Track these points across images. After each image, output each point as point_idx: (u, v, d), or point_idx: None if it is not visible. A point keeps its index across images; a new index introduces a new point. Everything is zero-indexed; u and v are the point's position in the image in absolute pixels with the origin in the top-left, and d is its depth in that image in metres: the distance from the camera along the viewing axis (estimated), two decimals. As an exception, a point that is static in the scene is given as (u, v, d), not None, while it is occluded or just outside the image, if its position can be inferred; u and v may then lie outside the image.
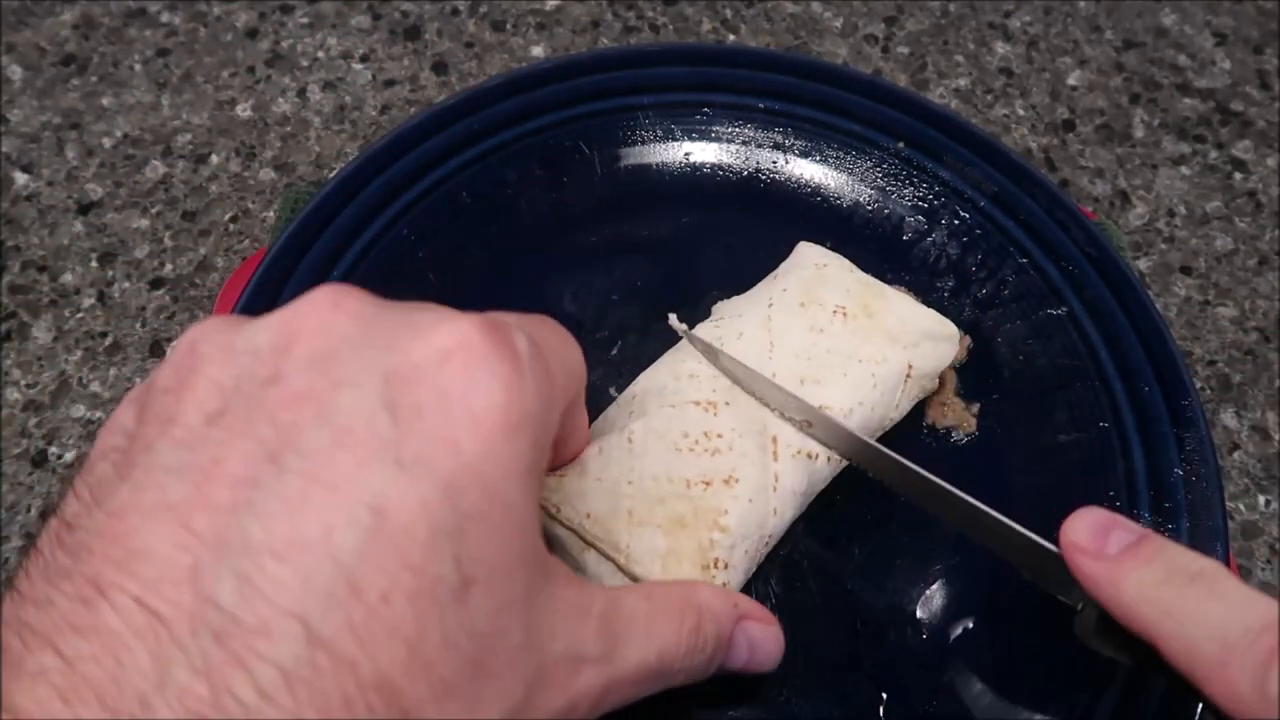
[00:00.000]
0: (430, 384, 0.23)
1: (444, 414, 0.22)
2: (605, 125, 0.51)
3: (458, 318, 0.24)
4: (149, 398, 0.24)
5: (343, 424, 0.22)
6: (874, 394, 0.40)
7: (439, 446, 0.22)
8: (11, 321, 0.54)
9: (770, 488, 0.37)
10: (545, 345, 0.27)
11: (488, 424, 0.23)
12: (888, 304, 0.42)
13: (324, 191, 0.46)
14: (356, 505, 0.21)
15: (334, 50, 0.66)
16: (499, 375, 0.23)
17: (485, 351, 0.23)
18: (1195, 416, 0.42)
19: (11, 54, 0.65)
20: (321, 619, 0.20)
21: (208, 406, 0.23)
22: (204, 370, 0.24)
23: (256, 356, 0.24)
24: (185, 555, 0.20)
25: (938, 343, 0.43)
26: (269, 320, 0.25)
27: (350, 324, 0.24)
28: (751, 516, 0.37)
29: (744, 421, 0.38)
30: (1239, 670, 0.25)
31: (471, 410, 0.23)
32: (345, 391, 0.22)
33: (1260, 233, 0.60)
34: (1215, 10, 0.71)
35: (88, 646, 0.20)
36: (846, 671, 0.39)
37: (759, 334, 0.41)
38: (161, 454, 0.22)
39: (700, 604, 0.31)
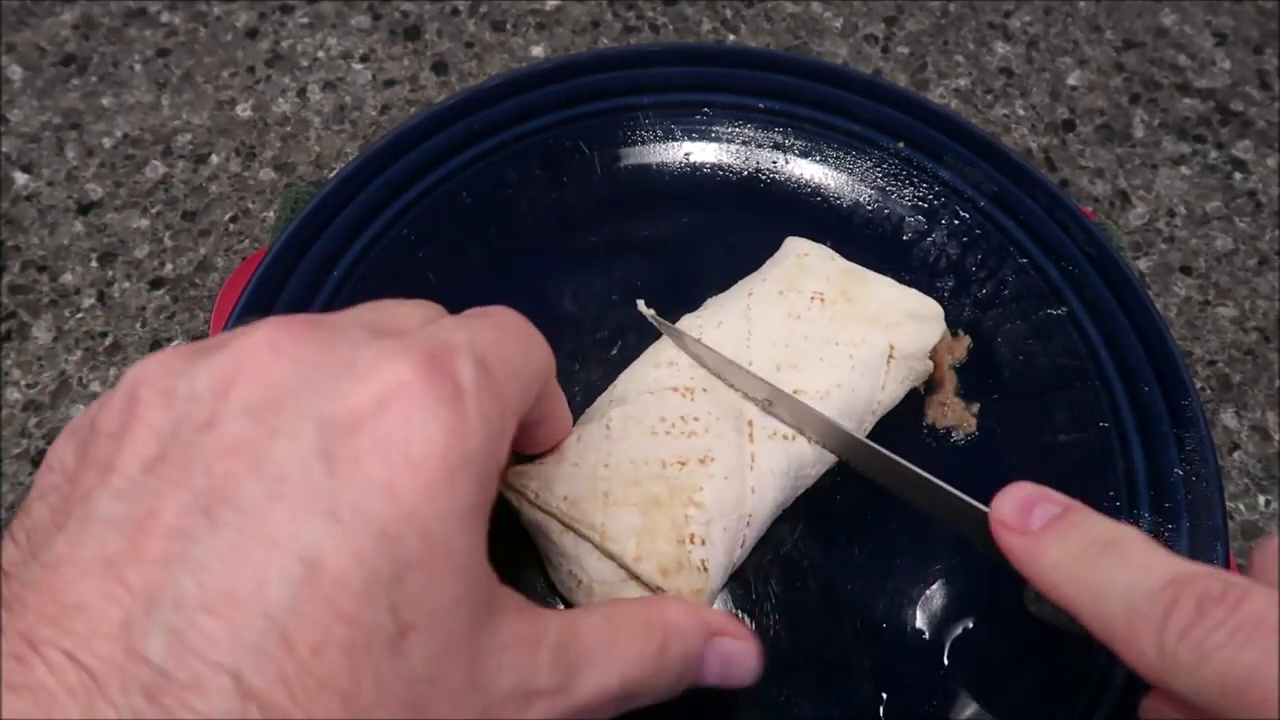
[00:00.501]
0: (367, 431, 0.22)
1: (382, 460, 0.22)
2: (605, 125, 0.51)
3: (396, 357, 0.24)
4: (91, 439, 0.24)
5: (277, 474, 0.22)
6: (852, 376, 0.41)
7: (375, 494, 0.22)
8: (11, 321, 0.54)
9: (746, 466, 0.38)
10: (497, 359, 0.26)
11: (426, 468, 0.22)
12: (868, 288, 0.43)
13: (324, 191, 0.46)
14: (289, 558, 0.21)
15: (334, 50, 0.66)
16: (438, 418, 0.23)
17: (423, 394, 0.23)
18: (1195, 416, 0.42)
19: (11, 54, 0.65)
20: (253, 672, 0.20)
21: (146, 454, 0.23)
22: (144, 416, 0.23)
23: (195, 401, 0.23)
24: (117, 609, 0.20)
25: (921, 322, 0.43)
26: (210, 361, 0.24)
27: (287, 367, 0.24)
28: (728, 494, 0.37)
29: (720, 405, 0.39)
30: (1144, 632, 0.25)
31: (409, 456, 0.22)
32: (281, 440, 0.22)
33: (1260, 233, 0.60)
34: (1215, 10, 0.71)
35: (21, 704, 0.19)
36: (846, 671, 0.39)
37: (738, 323, 0.42)
38: (98, 505, 0.22)
39: (667, 622, 0.30)
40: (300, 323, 0.25)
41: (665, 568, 0.35)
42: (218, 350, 0.24)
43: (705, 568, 0.35)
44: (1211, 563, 0.39)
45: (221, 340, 0.25)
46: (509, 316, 0.30)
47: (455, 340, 0.25)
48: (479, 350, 0.25)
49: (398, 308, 0.29)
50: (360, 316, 0.27)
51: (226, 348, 0.24)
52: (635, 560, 0.35)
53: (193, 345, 0.26)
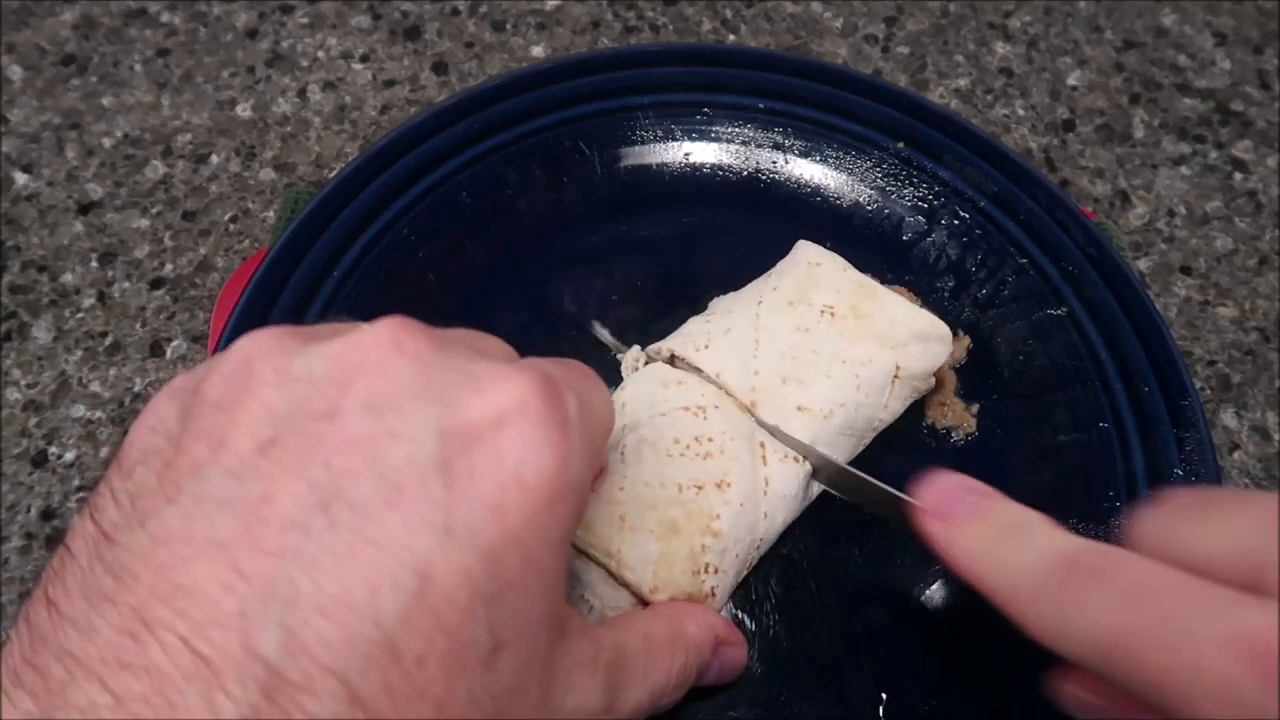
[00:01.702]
0: (485, 446, 0.23)
1: (495, 478, 0.23)
2: (605, 125, 0.51)
3: (516, 375, 0.24)
4: (196, 407, 0.24)
5: (395, 480, 0.22)
6: (857, 395, 0.40)
7: (487, 514, 0.22)
8: (11, 321, 0.54)
9: (761, 491, 0.38)
10: (587, 401, 0.27)
11: (535, 493, 0.23)
12: (879, 305, 0.42)
13: (324, 191, 0.46)
14: (402, 569, 0.21)
15: (334, 50, 0.66)
16: (552, 443, 0.24)
17: (540, 416, 0.24)
18: (1195, 416, 0.42)
19: (11, 54, 0.65)
20: (361, 679, 0.20)
21: (260, 434, 0.23)
22: (258, 392, 0.23)
23: (314, 386, 0.23)
24: (233, 599, 0.20)
25: (928, 344, 0.43)
26: (329, 348, 0.24)
27: (411, 368, 0.24)
28: (743, 520, 0.37)
29: (733, 425, 0.39)
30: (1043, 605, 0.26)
31: (522, 478, 0.23)
32: (400, 444, 0.22)
33: (1260, 233, 0.60)
34: (1215, 10, 0.71)
35: (138, 685, 0.19)
36: (846, 671, 0.39)
37: (746, 332, 0.41)
38: (210, 481, 0.22)
39: (688, 640, 0.32)
40: (418, 325, 0.25)
41: (678, 599, 0.35)
42: (337, 338, 0.25)
43: (714, 594, 0.36)
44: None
45: (338, 329, 0.25)
46: (585, 366, 0.30)
47: (557, 373, 0.26)
48: (575, 388, 0.26)
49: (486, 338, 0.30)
50: (461, 335, 0.28)
51: (346, 337, 0.25)
52: (651, 591, 0.35)
53: (306, 329, 0.26)
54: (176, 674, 0.20)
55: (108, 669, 0.20)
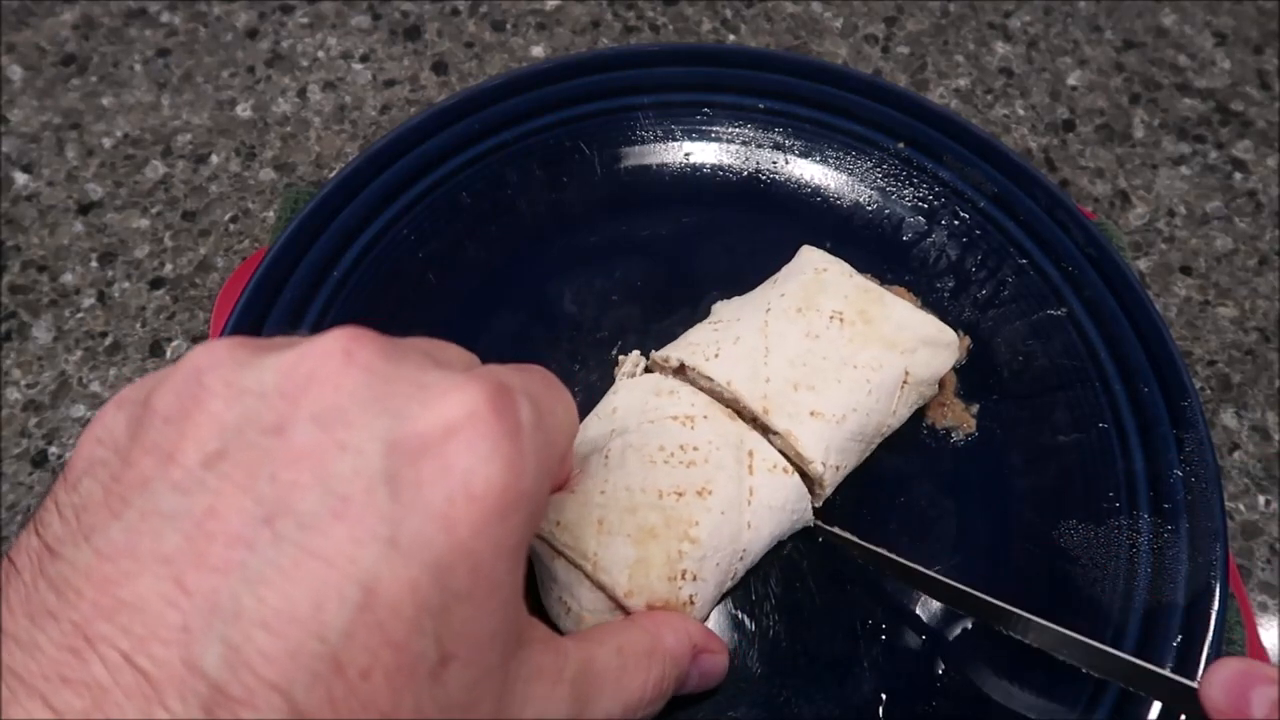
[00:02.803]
0: (433, 458, 0.23)
1: (443, 490, 0.22)
2: (605, 125, 0.51)
3: (467, 385, 0.24)
4: (145, 419, 0.24)
5: (342, 492, 0.22)
6: (869, 400, 0.40)
7: (434, 525, 0.22)
8: (11, 321, 0.54)
9: (745, 501, 0.37)
10: (545, 408, 0.26)
11: (484, 504, 0.23)
12: (886, 310, 0.42)
13: (324, 191, 0.46)
14: (347, 582, 0.21)
15: (334, 50, 0.66)
16: (502, 453, 0.23)
17: (490, 427, 0.23)
18: (1195, 417, 0.42)
19: (11, 54, 0.65)
20: (304, 693, 0.20)
21: (208, 447, 0.23)
22: (207, 404, 0.23)
23: (263, 399, 0.23)
24: (175, 614, 0.20)
25: (936, 350, 0.43)
26: (279, 360, 0.24)
27: (361, 378, 0.24)
28: (724, 528, 0.36)
29: (721, 435, 0.38)
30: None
31: (471, 488, 0.23)
32: (348, 457, 0.22)
33: (1260, 233, 0.60)
34: (1215, 10, 0.71)
35: (79, 701, 0.19)
36: (846, 671, 0.39)
37: (755, 339, 0.41)
38: (157, 496, 0.22)
39: (665, 652, 0.32)
40: (371, 335, 0.25)
41: (654, 604, 0.35)
42: (288, 349, 0.24)
43: (692, 602, 0.36)
44: (1210, 563, 0.39)
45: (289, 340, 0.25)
46: (546, 373, 0.30)
47: (513, 381, 0.25)
48: (531, 395, 0.26)
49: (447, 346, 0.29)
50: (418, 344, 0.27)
51: (297, 348, 0.24)
52: (626, 595, 0.35)
53: (258, 340, 0.26)
54: (117, 690, 0.20)
55: (49, 685, 0.20)
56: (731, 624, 0.40)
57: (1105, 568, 0.40)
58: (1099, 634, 0.38)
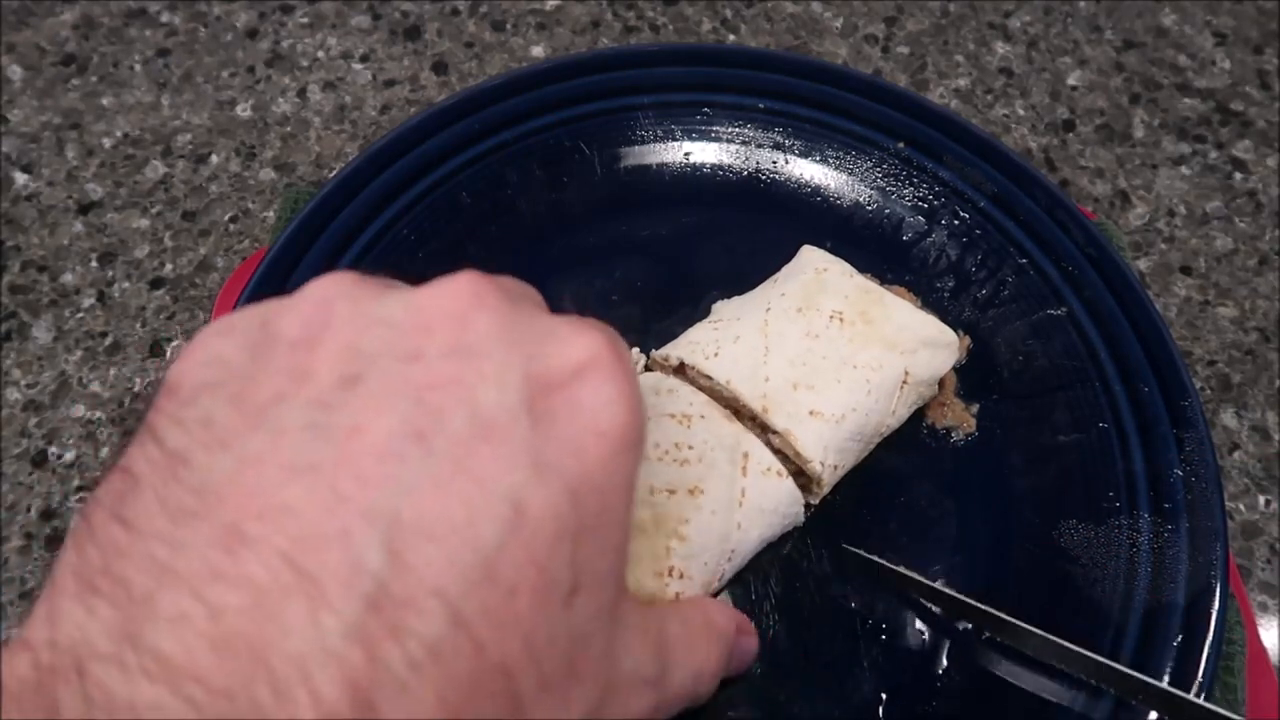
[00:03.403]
0: (565, 395, 0.23)
1: (575, 424, 0.23)
2: (605, 125, 0.51)
3: (587, 330, 0.25)
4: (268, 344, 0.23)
5: (486, 416, 0.22)
6: (868, 400, 0.40)
7: (570, 454, 0.23)
8: (11, 321, 0.54)
9: (736, 502, 0.37)
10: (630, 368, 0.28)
11: (610, 440, 0.24)
12: (886, 310, 0.42)
13: (324, 191, 0.46)
14: (498, 499, 0.21)
15: (334, 50, 0.66)
16: (625, 394, 0.24)
17: (614, 369, 0.24)
18: (1195, 416, 0.42)
19: (11, 54, 0.65)
20: (463, 601, 0.20)
21: (345, 370, 0.22)
22: (340, 330, 0.23)
23: (396, 329, 0.23)
24: (335, 520, 0.20)
25: (936, 350, 0.43)
26: (408, 296, 0.24)
27: (491, 319, 0.24)
28: (714, 528, 0.36)
29: (717, 436, 0.38)
30: None
31: (599, 424, 0.23)
32: (489, 385, 0.23)
33: (1260, 233, 0.60)
34: (1215, 10, 0.71)
35: (234, 598, 0.19)
36: (846, 671, 0.39)
37: (755, 338, 0.41)
38: (296, 410, 0.21)
39: (719, 628, 0.32)
40: (494, 280, 0.26)
41: (639, 599, 0.35)
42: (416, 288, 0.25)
43: (678, 599, 0.35)
44: (1210, 563, 0.39)
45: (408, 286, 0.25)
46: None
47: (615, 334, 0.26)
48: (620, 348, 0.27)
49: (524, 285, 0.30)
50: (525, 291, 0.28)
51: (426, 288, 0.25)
52: None
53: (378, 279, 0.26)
54: (276, 588, 0.19)
55: (200, 580, 0.19)
56: (731, 624, 0.40)
57: (1105, 568, 0.40)
58: (1099, 634, 0.38)
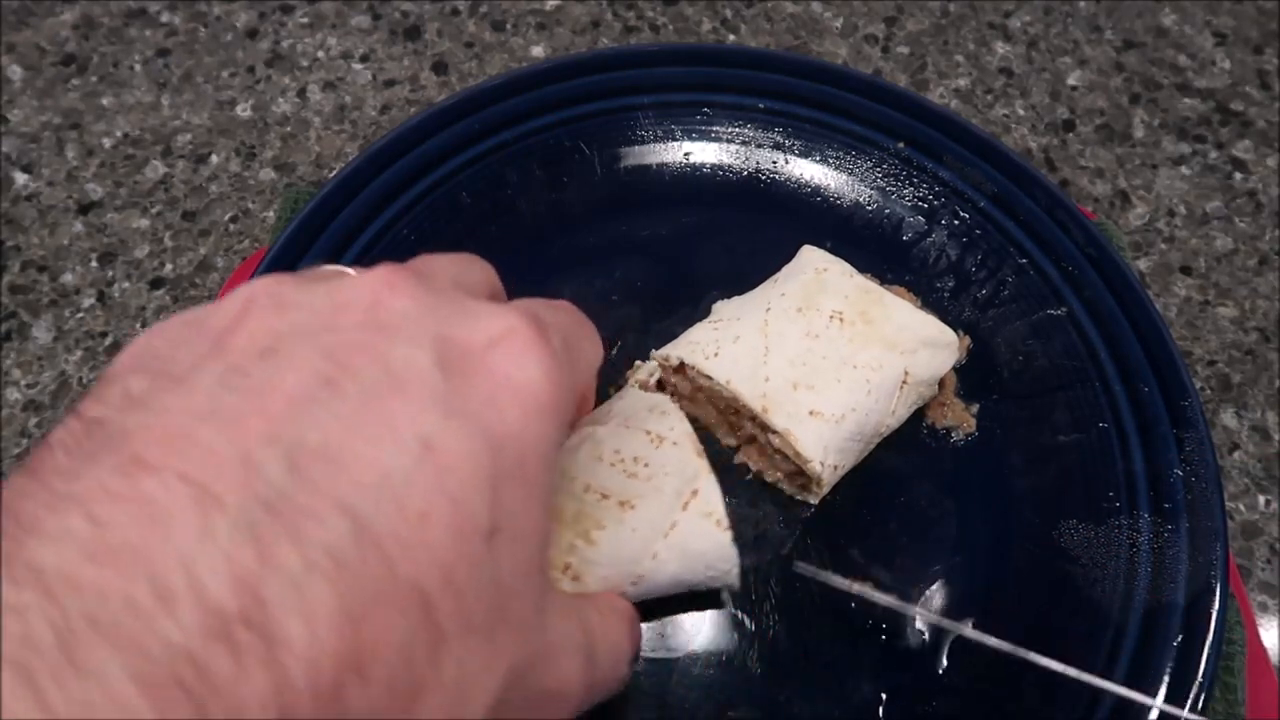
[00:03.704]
0: (478, 360, 0.24)
1: (491, 382, 0.24)
2: (605, 125, 0.51)
3: (504, 311, 0.25)
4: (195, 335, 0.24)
5: (398, 372, 0.23)
6: (868, 400, 0.40)
7: (485, 405, 0.23)
8: (11, 321, 0.54)
9: (662, 532, 0.35)
10: (571, 342, 0.28)
11: (527, 398, 0.24)
12: (886, 311, 0.42)
13: (324, 191, 0.46)
14: (407, 436, 0.21)
15: (334, 50, 0.66)
16: (541, 361, 0.25)
17: (530, 339, 0.25)
18: (1195, 416, 0.42)
19: (11, 54, 0.65)
20: (370, 518, 0.20)
21: (261, 343, 0.23)
22: (259, 316, 0.24)
23: (314, 312, 0.24)
24: (236, 446, 0.20)
25: (936, 350, 0.43)
26: (327, 285, 0.25)
27: (407, 300, 0.25)
28: (627, 546, 0.34)
29: (678, 464, 0.36)
30: None
31: (514, 383, 0.24)
32: (401, 347, 0.23)
33: (1260, 233, 0.60)
34: (1215, 10, 0.71)
35: (124, 512, 0.18)
36: (846, 671, 0.39)
37: (755, 338, 0.41)
38: (212, 374, 0.22)
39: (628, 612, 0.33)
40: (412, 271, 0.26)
41: None
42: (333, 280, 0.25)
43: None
44: (1210, 563, 0.39)
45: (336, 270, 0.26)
46: (575, 309, 0.32)
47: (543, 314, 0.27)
48: (560, 328, 0.27)
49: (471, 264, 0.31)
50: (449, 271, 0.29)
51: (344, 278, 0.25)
52: None
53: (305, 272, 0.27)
54: (169, 500, 0.19)
55: (92, 501, 0.19)
56: (731, 624, 0.40)
57: (1105, 568, 0.40)
58: (1099, 634, 0.38)
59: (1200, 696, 0.36)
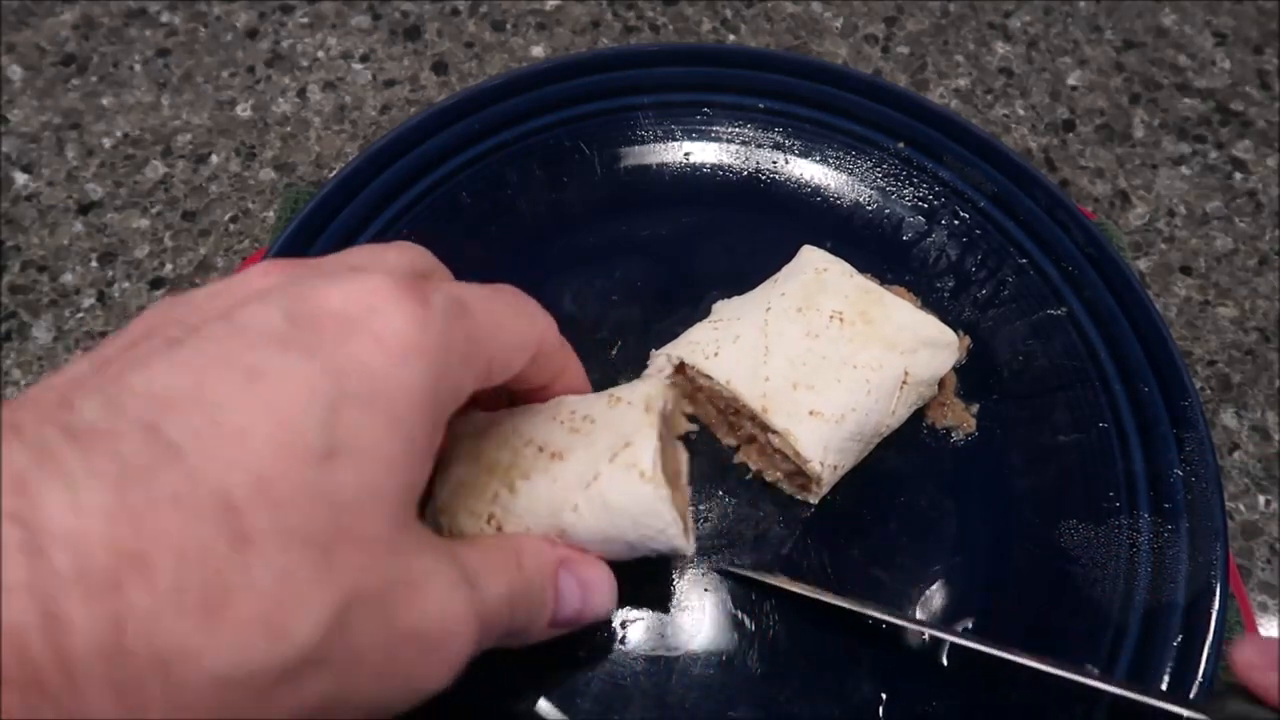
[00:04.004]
0: (334, 311, 0.25)
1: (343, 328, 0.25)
2: (605, 125, 0.51)
3: (370, 276, 0.26)
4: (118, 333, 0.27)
5: (241, 322, 0.24)
6: (868, 400, 0.40)
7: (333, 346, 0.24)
8: (11, 321, 0.54)
9: (584, 483, 0.33)
10: (480, 309, 0.29)
11: (389, 341, 0.25)
12: (886, 311, 0.42)
13: (324, 191, 0.46)
14: (235, 370, 0.23)
15: (334, 50, 0.66)
16: (403, 309, 0.25)
17: (392, 293, 0.26)
18: (1195, 416, 0.42)
19: (11, 54, 0.65)
20: (177, 432, 0.21)
21: (132, 335, 0.25)
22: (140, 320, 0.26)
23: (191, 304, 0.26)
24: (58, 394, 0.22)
25: (936, 350, 0.43)
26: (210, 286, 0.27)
27: (273, 279, 0.27)
28: (548, 497, 0.33)
29: (622, 421, 0.34)
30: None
31: (373, 329, 0.25)
32: (250, 306, 0.25)
33: (1260, 233, 0.60)
34: (1215, 10, 0.71)
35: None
36: (846, 671, 0.39)
37: (755, 338, 0.41)
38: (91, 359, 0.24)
39: (518, 545, 0.32)
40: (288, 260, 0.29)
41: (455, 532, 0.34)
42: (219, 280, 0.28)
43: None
44: (1210, 563, 0.39)
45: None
46: (509, 289, 0.32)
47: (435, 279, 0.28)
48: (461, 295, 0.28)
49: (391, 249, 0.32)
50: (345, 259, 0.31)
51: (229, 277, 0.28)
52: (439, 509, 0.34)
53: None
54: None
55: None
56: (731, 624, 0.40)
57: (1105, 568, 0.40)
58: (1099, 634, 0.38)
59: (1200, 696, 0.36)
